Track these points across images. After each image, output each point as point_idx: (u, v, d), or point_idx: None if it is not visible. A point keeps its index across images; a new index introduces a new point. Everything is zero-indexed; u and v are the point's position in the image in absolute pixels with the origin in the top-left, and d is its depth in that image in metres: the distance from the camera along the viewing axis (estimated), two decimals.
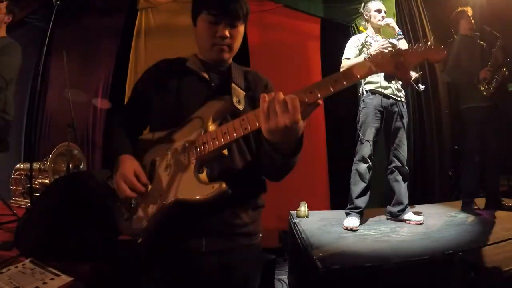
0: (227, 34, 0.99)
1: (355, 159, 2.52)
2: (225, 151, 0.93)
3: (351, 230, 2.24)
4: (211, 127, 0.92)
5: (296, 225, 2.38)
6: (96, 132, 3.80)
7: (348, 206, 2.46)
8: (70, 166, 2.90)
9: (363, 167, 2.44)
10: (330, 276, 1.54)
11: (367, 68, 0.76)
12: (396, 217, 2.49)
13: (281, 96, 0.74)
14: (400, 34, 2.54)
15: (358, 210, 2.40)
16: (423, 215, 2.43)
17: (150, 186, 0.94)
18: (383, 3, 2.67)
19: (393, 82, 2.46)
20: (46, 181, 2.95)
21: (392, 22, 2.60)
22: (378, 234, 2.19)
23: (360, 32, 3.01)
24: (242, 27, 1.05)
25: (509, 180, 3.73)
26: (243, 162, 1.01)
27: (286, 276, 2.59)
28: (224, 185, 0.85)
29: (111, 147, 1.06)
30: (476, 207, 2.70)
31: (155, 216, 0.92)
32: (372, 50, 2.39)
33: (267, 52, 3.62)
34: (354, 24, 3.73)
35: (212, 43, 1.02)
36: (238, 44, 1.07)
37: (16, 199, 3.11)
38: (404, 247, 1.88)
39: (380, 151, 2.73)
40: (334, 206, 3.35)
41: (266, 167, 0.98)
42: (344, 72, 0.77)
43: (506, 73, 2.78)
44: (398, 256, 1.69)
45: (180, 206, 0.90)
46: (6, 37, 2.40)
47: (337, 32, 3.66)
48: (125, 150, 1.00)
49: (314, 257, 1.68)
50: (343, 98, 3.20)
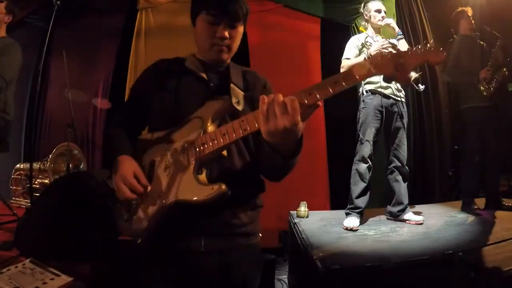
0: (226, 35, 0.99)
1: (355, 159, 2.52)
2: (224, 152, 0.94)
3: (351, 230, 2.24)
4: (210, 128, 0.92)
5: (296, 225, 2.38)
6: (96, 132, 3.80)
7: (348, 206, 2.46)
8: (70, 166, 2.90)
9: (363, 167, 2.44)
10: (330, 276, 1.54)
11: (367, 69, 0.76)
12: (396, 217, 2.49)
13: (280, 98, 0.74)
14: (400, 34, 2.54)
15: (358, 210, 2.40)
16: (423, 215, 2.43)
17: (149, 187, 0.94)
18: (383, 3, 2.67)
19: (393, 83, 2.46)
20: (46, 181, 2.96)
21: (392, 22, 2.60)
22: (378, 234, 2.19)
23: (360, 32, 3.01)
24: (242, 28, 1.05)
25: (509, 180, 3.73)
26: (242, 162, 1.01)
27: (286, 276, 2.59)
28: (223, 186, 0.85)
29: (110, 147, 1.06)
30: (476, 207, 2.70)
31: (155, 216, 0.92)
32: (372, 50, 2.39)
33: (267, 52, 3.62)
34: (354, 24, 3.72)
35: (211, 43, 1.02)
36: (237, 45, 1.07)
37: (16, 199, 3.12)
38: (404, 247, 1.88)
39: (380, 151, 2.73)
40: (334, 206, 3.35)
41: (265, 168, 0.98)
42: (344, 74, 0.77)
43: (506, 73, 2.78)
44: (398, 256, 1.69)
45: (180, 207, 0.90)
46: (6, 37, 2.40)
47: (337, 32, 3.66)
48: (123, 151, 1.00)
49: (314, 257, 1.68)
50: (343, 98, 3.18)
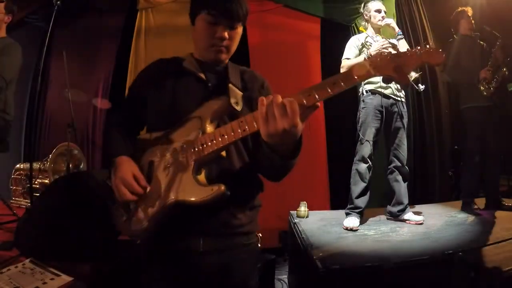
0: (226, 35, 0.99)
1: (355, 159, 2.52)
2: (223, 153, 0.93)
3: (351, 230, 2.24)
4: (209, 128, 0.92)
5: (296, 225, 2.38)
6: (96, 132, 3.80)
7: (348, 206, 2.46)
8: (70, 166, 2.90)
9: (363, 167, 2.44)
10: (330, 276, 1.54)
11: (366, 70, 0.76)
12: (396, 217, 2.49)
13: (279, 99, 0.74)
14: (400, 34, 2.54)
15: (358, 210, 2.40)
16: (423, 215, 2.43)
17: (149, 188, 0.94)
18: (383, 3, 2.67)
19: (393, 83, 2.46)
20: (46, 181, 2.96)
21: (392, 22, 2.59)
22: (378, 234, 2.18)
23: (360, 32, 3.00)
24: (241, 29, 1.05)
25: (509, 180, 3.72)
26: (241, 163, 1.01)
27: (286, 276, 2.59)
28: (223, 187, 0.85)
29: (109, 148, 1.06)
30: (476, 207, 2.70)
31: (154, 217, 0.92)
32: (372, 50, 2.39)
33: (267, 52, 3.62)
34: (354, 24, 3.72)
35: (210, 43, 1.02)
36: (235, 45, 1.07)
37: (16, 199, 3.12)
38: (404, 247, 1.88)
39: (380, 151, 2.72)
40: (334, 206, 3.34)
41: (265, 169, 0.98)
42: (343, 75, 0.77)
43: (506, 73, 2.78)
44: (398, 256, 1.69)
45: (179, 207, 0.90)
46: (6, 37, 2.40)
47: (337, 32, 3.66)
48: (122, 151, 1.00)
49: (314, 257, 1.68)
50: (343, 98, 3.18)
